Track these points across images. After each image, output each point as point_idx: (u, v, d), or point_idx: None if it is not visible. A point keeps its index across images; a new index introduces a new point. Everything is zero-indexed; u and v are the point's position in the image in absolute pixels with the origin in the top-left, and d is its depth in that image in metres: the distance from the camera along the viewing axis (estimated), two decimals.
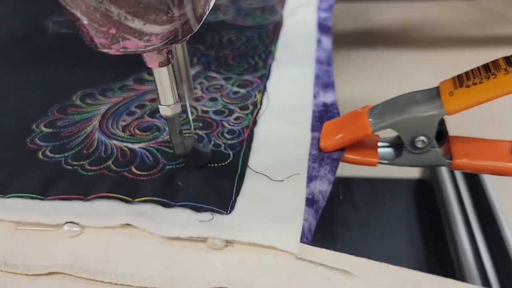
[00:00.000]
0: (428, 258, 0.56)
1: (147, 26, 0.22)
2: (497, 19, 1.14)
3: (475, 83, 0.30)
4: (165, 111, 0.29)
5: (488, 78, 0.29)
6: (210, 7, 0.26)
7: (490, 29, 1.12)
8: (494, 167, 0.33)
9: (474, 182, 0.61)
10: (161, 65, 0.27)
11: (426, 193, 0.67)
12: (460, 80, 0.31)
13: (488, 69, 0.30)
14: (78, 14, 0.22)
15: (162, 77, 0.27)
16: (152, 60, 0.26)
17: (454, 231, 0.55)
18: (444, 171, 0.65)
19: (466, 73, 0.31)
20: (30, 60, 0.50)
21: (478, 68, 0.31)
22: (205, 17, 0.25)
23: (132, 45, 0.23)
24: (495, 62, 0.30)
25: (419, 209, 0.64)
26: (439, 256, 0.56)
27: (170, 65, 0.27)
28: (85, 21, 0.22)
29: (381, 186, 0.69)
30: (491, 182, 0.59)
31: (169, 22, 0.23)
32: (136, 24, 0.22)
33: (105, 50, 0.24)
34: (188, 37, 0.25)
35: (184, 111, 0.33)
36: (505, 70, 0.29)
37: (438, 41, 1.09)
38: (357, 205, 0.65)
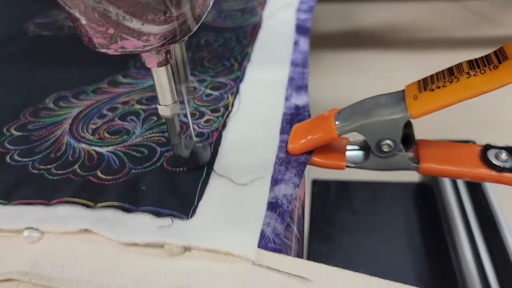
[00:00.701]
0: (428, 262, 0.56)
1: (146, 26, 0.23)
2: (484, 20, 1.14)
3: (439, 87, 0.30)
4: (164, 111, 0.29)
5: (451, 81, 0.29)
6: (209, 7, 0.26)
7: (477, 30, 1.11)
8: (462, 172, 0.33)
9: (475, 186, 0.60)
10: (160, 65, 0.27)
11: (427, 197, 0.66)
12: (425, 84, 0.31)
13: (451, 73, 0.30)
14: (77, 14, 0.22)
15: (161, 77, 0.27)
16: (150, 60, 0.26)
17: (454, 235, 0.55)
18: None
19: (431, 76, 0.31)
20: (8, 63, 0.50)
21: (442, 71, 0.31)
22: (203, 17, 0.26)
23: (131, 45, 0.23)
24: (458, 66, 0.30)
25: (419, 213, 0.64)
26: (439, 260, 0.56)
27: (169, 66, 0.27)
28: (83, 21, 0.22)
29: (381, 190, 0.68)
30: (492, 186, 0.59)
31: (168, 22, 0.23)
32: (135, 24, 0.22)
33: (104, 50, 0.24)
34: (186, 37, 0.25)
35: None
36: (468, 74, 0.29)
37: (424, 42, 1.09)
38: (356, 209, 0.65)
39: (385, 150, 0.32)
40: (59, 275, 0.26)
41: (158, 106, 0.29)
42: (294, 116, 0.39)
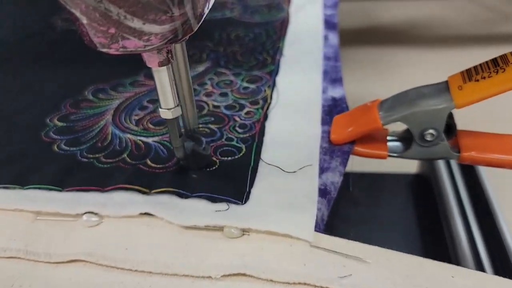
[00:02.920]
0: (425, 250, 0.57)
1: (147, 26, 0.23)
2: (500, 17, 1.15)
3: (484, 77, 0.31)
4: (165, 114, 0.29)
5: (497, 72, 0.30)
6: (210, 6, 0.26)
7: (493, 27, 1.13)
8: (501, 160, 0.34)
9: (471, 177, 0.61)
10: (161, 64, 0.26)
11: (424, 187, 0.67)
12: (469, 74, 0.32)
13: (496, 63, 0.31)
14: (78, 14, 0.22)
15: (162, 78, 0.27)
16: (151, 60, 0.26)
17: (451, 224, 0.56)
18: (441, 166, 0.66)
19: (475, 67, 0.32)
20: (40, 56, 0.51)
21: (486, 62, 0.32)
22: (204, 16, 0.26)
23: (132, 44, 0.23)
24: (503, 57, 0.31)
25: (417, 203, 0.65)
26: (436, 248, 0.57)
27: (170, 68, 0.27)
28: (84, 20, 0.22)
29: (380, 181, 0.69)
30: (487, 177, 0.60)
31: (169, 22, 0.23)
32: (136, 23, 0.22)
33: (105, 50, 0.24)
34: (188, 37, 0.25)
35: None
36: None
37: (442, 39, 1.10)
38: (356, 200, 0.65)
39: (428, 139, 0.33)
40: (124, 256, 0.27)
41: (159, 109, 0.29)
42: (332, 108, 0.40)
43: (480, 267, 0.50)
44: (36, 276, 0.27)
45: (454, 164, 0.65)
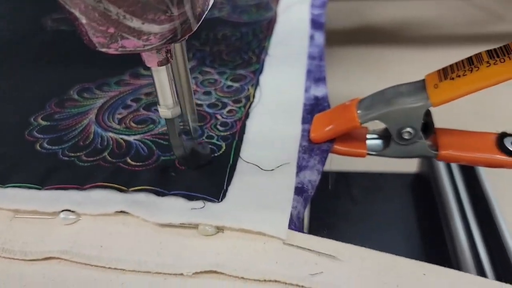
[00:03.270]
0: (425, 250, 0.57)
1: (146, 25, 0.23)
2: (492, 17, 1.15)
3: (459, 76, 0.31)
4: (164, 113, 0.29)
5: (471, 70, 0.30)
6: (209, 6, 0.26)
7: (485, 27, 1.13)
8: (479, 159, 0.34)
9: (471, 176, 0.62)
10: (160, 64, 0.26)
11: (423, 187, 0.68)
12: (445, 73, 0.32)
13: (471, 62, 0.31)
14: (77, 13, 0.22)
15: (161, 77, 0.27)
16: (151, 60, 0.26)
17: (450, 224, 0.56)
18: (441, 166, 0.66)
19: (451, 65, 0.32)
20: (29, 57, 0.51)
21: (462, 61, 0.32)
22: (204, 16, 0.26)
23: (131, 44, 0.23)
24: (478, 55, 0.31)
25: (416, 203, 0.65)
26: (436, 248, 0.57)
27: (169, 66, 0.27)
28: (83, 20, 0.22)
29: (379, 180, 0.69)
30: (487, 176, 0.60)
31: (168, 21, 0.23)
32: (135, 23, 0.22)
33: (104, 50, 0.24)
34: (187, 37, 0.25)
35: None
36: (487, 63, 0.30)
37: (433, 39, 1.10)
38: (355, 199, 0.66)
39: (405, 137, 0.34)
40: (98, 253, 0.27)
41: (158, 107, 0.29)
42: (314, 107, 0.40)
43: (479, 266, 0.50)
44: (10, 273, 0.27)
45: (453, 164, 0.65)
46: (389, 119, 0.33)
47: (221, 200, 0.30)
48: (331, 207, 0.62)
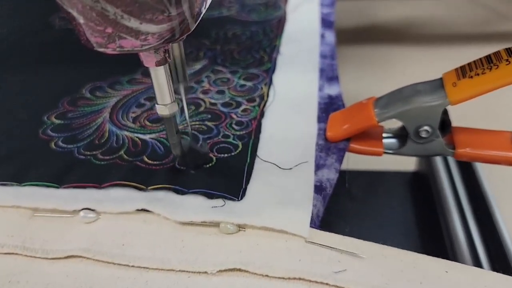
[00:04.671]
0: (423, 247, 0.57)
1: (144, 25, 0.22)
2: (498, 16, 1.15)
3: (478, 74, 0.31)
4: (162, 110, 0.29)
5: (490, 69, 0.30)
6: (207, 5, 0.26)
7: (491, 26, 1.13)
8: (496, 156, 0.34)
9: (469, 174, 0.62)
10: (158, 64, 0.26)
11: (422, 185, 0.68)
12: (463, 71, 0.32)
13: (490, 60, 0.31)
14: (74, 13, 0.22)
15: (159, 76, 0.27)
16: (148, 60, 0.26)
17: (448, 221, 0.56)
18: (439, 164, 0.66)
19: (469, 64, 0.32)
20: (39, 55, 0.51)
21: (480, 59, 0.32)
22: (201, 16, 0.26)
23: (129, 44, 0.23)
24: (497, 53, 0.31)
25: (415, 201, 0.66)
26: (434, 245, 0.58)
27: (167, 65, 0.27)
28: (81, 20, 0.22)
29: (378, 178, 0.70)
30: (484, 174, 0.60)
31: (166, 21, 0.23)
32: (133, 23, 0.22)
33: (101, 49, 0.24)
34: (185, 36, 0.25)
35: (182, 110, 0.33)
36: (507, 61, 0.30)
37: (438, 38, 1.10)
38: (354, 197, 0.66)
39: (423, 136, 0.34)
40: (120, 252, 0.27)
41: (156, 105, 0.29)
42: (328, 106, 0.40)
43: (477, 262, 0.50)
44: (33, 272, 0.27)
45: (451, 161, 0.65)
46: (407, 117, 0.33)
47: (241, 198, 0.30)
48: (331, 205, 0.62)
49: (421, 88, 0.33)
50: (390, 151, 0.36)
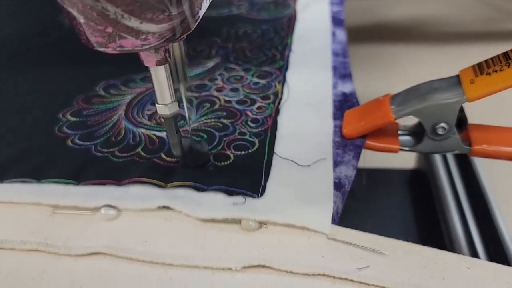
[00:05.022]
0: (422, 244, 0.58)
1: (144, 25, 0.22)
2: (504, 15, 1.16)
3: (496, 71, 0.31)
4: (162, 110, 0.29)
5: (509, 65, 0.31)
6: (207, 5, 0.26)
7: (497, 25, 1.13)
8: None
9: (467, 171, 0.62)
10: (158, 63, 0.26)
11: (421, 182, 0.68)
12: (481, 68, 0.32)
13: (508, 57, 0.31)
14: (75, 13, 0.22)
15: (159, 76, 0.27)
16: (149, 59, 0.26)
17: (447, 218, 0.57)
18: (438, 161, 0.67)
19: (486, 61, 0.32)
20: (50, 54, 0.51)
21: (498, 56, 0.32)
22: (202, 15, 0.25)
23: (129, 43, 0.23)
24: None
25: (414, 198, 0.66)
26: (433, 242, 0.58)
27: (167, 64, 0.27)
28: (81, 19, 0.22)
29: (378, 176, 0.70)
30: (483, 171, 0.61)
31: (167, 21, 0.23)
32: (133, 22, 0.22)
33: (102, 49, 0.24)
34: (185, 36, 0.25)
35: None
36: None
37: (447, 37, 1.11)
38: (354, 194, 0.66)
39: (440, 133, 0.34)
40: (143, 248, 0.28)
41: (156, 105, 0.29)
42: (343, 103, 0.40)
43: (474, 256, 0.50)
44: (57, 269, 0.27)
45: (450, 158, 0.65)
46: (424, 114, 0.33)
47: (261, 195, 0.30)
48: None
49: (437, 85, 0.33)
50: (406, 148, 0.36)
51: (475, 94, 0.31)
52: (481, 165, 0.61)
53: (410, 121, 0.36)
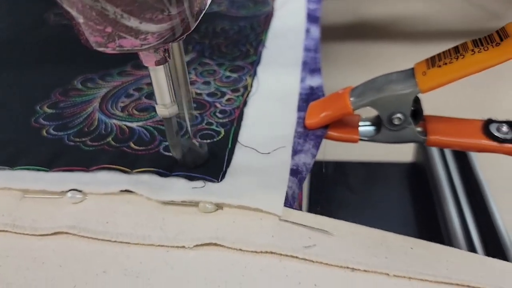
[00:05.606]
0: (420, 236, 0.59)
1: (143, 25, 0.23)
2: (488, 14, 1.17)
3: (446, 63, 0.33)
4: (162, 111, 0.29)
5: (457, 58, 0.32)
6: (207, 4, 0.26)
7: (481, 24, 1.15)
8: (466, 144, 0.36)
9: (464, 165, 0.63)
10: (158, 64, 0.26)
11: (419, 176, 0.69)
12: (433, 61, 0.34)
13: (457, 51, 0.33)
14: (74, 13, 0.22)
15: (159, 76, 0.27)
16: (148, 59, 0.26)
17: (444, 210, 0.58)
18: (435, 155, 0.68)
19: (438, 54, 0.34)
20: (34, 50, 0.53)
21: (449, 50, 0.33)
22: (202, 14, 0.26)
23: (128, 43, 0.23)
24: (464, 44, 0.33)
25: (412, 191, 0.67)
26: (430, 234, 0.59)
27: (167, 65, 0.27)
28: (80, 19, 0.22)
29: (376, 169, 0.71)
30: (479, 163, 0.62)
31: (166, 21, 0.23)
32: (132, 22, 0.22)
33: (101, 49, 0.24)
34: (185, 36, 0.25)
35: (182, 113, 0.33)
36: (472, 51, 0.32)
37: (427, 35, 1.12)
38: (352, 188, 0.67)
39: (396, 123, 0.35)
40: (104, 228, 0.29)
41: (156, 106, 0.29)
42: (309, 96, 0.42)
43: (472, 250, 0.52)
44: (21, 248, 0.29)
45: (448, 152, 0.66)
46: (380, 105, 0.35)
47: (221, 180, 0.32)
48: (329, 196, 0.64)
49: (393, 78, 0.35)
50: (365, 138, 0.38)
51: (426, 85, 0.33)
52: (478, 158, 0.62)
53: (372, 113, 0.37)
